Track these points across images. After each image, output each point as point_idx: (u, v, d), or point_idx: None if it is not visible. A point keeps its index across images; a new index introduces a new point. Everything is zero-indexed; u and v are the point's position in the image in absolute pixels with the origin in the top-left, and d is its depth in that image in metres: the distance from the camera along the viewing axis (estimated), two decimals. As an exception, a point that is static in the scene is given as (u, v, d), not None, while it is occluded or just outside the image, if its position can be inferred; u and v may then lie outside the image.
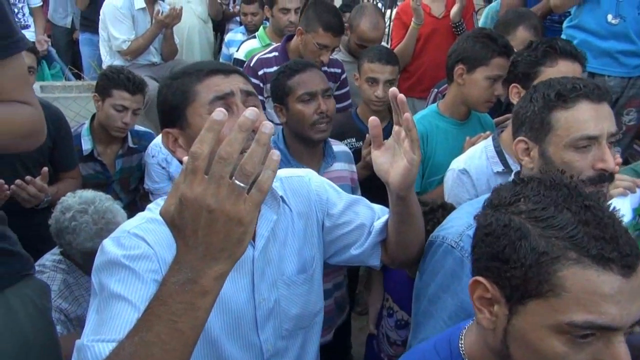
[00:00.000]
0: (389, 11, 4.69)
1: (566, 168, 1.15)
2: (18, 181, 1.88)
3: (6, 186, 1.85)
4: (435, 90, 2.74)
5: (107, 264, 1.02)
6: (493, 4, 3.67)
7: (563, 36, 2.89)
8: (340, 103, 2.86)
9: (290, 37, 2.82)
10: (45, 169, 2.00)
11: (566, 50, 1.76)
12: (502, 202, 0.85)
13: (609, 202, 0.82)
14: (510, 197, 0.84)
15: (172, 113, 1.12)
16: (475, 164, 1.84)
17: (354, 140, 2.46)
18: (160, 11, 3.80)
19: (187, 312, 0.71)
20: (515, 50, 2.09)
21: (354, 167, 2.14)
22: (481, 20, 3.62)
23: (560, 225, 0.77)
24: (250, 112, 0.67)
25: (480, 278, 0.85)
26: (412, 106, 3.38)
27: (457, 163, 1.88)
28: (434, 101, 2.61)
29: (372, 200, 1.40)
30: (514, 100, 1.83)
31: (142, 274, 1.00)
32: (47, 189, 2.01)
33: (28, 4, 4.49)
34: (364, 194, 2.20)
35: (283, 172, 1.34)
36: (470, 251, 0.92)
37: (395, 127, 1.16)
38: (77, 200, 1.87)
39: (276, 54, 2.77)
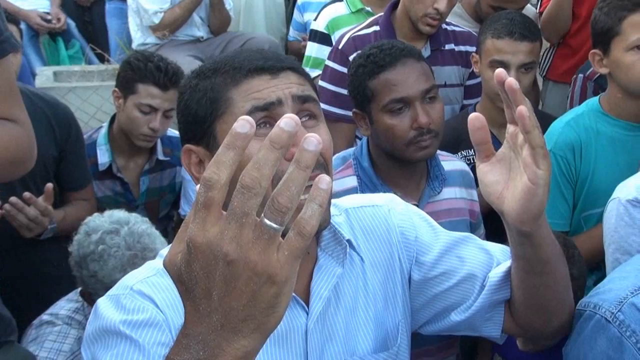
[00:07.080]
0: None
1: None
2: (13, 199, 1.97)
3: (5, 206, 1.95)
4: (581, 75, 2.64)
5: (102, 332, 1.05)
6: None
7: None
8: (475, 97, 2.76)
9: (397, 3, 2.73)
10: (50, 185, 2.11)
11: None
12: None
13: None
14: None
15: (197, 126, 1.13)
16: None
17: (472, 151, 2.39)
18: None
19: None
20: None
21: (474, 194, 2.08)
22: None
23: None
24: (287, 122, 0.67)
25: None
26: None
27: (625, 190, 1.80)
28: (581, 92, 2.53)
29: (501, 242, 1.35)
30: None
31: (147, 348, 1.02)
32: (51, 211, 2.11)
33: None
34: (489, 234, 2.16)
35: (349, 201, 1.32)
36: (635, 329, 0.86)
37: (510, 128, 1.10)
38: (107, 220, 1.99)
39: (377, 28, 2.68)
